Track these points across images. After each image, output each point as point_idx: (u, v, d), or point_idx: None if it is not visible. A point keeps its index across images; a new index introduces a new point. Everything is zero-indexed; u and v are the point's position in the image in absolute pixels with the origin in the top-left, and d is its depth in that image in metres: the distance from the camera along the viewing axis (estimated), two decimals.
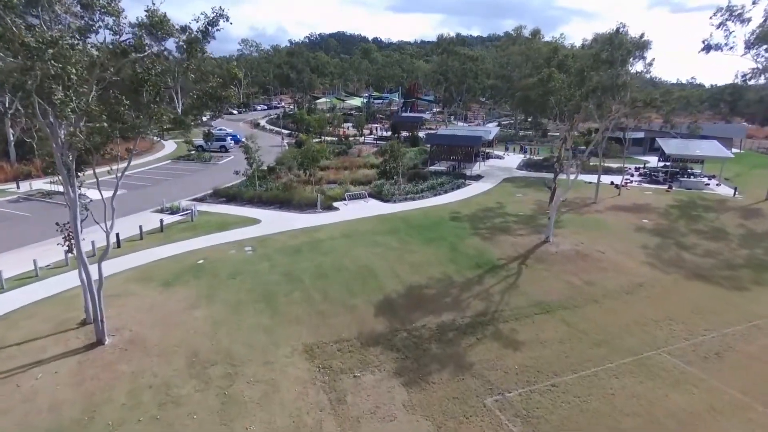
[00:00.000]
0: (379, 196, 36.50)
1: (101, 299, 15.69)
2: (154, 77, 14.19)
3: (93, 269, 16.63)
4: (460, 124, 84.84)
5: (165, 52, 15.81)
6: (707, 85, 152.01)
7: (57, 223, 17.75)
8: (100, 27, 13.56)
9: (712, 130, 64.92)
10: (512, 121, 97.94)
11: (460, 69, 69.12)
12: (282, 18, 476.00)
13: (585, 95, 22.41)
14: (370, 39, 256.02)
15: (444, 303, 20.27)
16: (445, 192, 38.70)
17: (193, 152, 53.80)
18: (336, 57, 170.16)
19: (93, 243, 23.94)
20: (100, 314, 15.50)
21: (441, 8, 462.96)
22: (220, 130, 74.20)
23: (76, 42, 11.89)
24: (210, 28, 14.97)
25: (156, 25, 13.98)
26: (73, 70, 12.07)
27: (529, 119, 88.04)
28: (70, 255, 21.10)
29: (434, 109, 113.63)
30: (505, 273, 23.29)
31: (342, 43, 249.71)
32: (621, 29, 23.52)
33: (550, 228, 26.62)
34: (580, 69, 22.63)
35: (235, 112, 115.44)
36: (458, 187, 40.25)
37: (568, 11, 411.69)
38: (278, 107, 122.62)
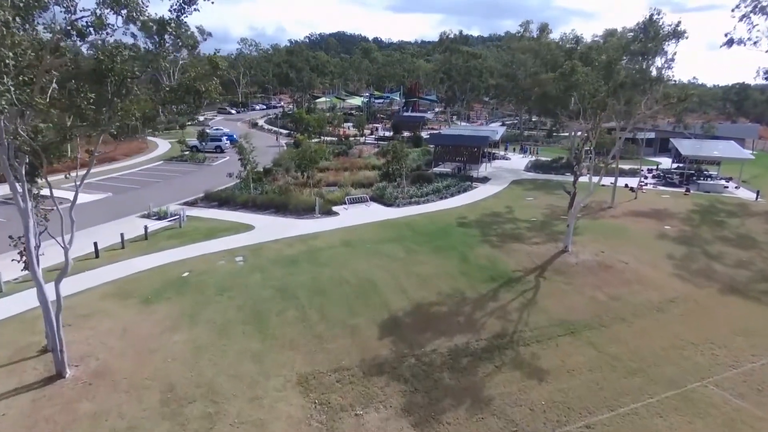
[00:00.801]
0: (381, 199, 34.33)
1: (60, 326, 13.49)
2: (119, 66, 11.96)
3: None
4: (462, 124, 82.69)
5: (136, 39, 13.51)
6: (709, 85, 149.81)
7: (10, 237, 15.50)
8: (48, 2, 11.32)
9: (724, 130, 62.79)
10: (516, 121, 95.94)
11: (464, 67, 66.92)
12: (282, 18, 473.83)
13: (612, 90, 20.30)
14: (370, 39, 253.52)
15: (456, 322, 18.11)
16: (451, 195, 36.52)
17: (186, 153, 51.58)
18: (336, 57, 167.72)
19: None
20: (59, 343, 13.31)
21: (440, 8, 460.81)
22: (217, 129, 72.02)
23: (10, 20, 9.70)
24: (186, 6, 12.72)
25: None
26: (9, 54, 9.87)
27: (534, 119, 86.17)
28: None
29: (436, 109, 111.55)
30: (522, 287, 21.12)
31: (342, 43, 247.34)
32: (656, 16, 21.31)
33: (569, 236, 24.45)
34: (607, 61, 20.48)
35: (233, 111, 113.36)
36: (464, 190, 38.07)
37: (567, 11, 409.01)
38: (277, 107, 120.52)
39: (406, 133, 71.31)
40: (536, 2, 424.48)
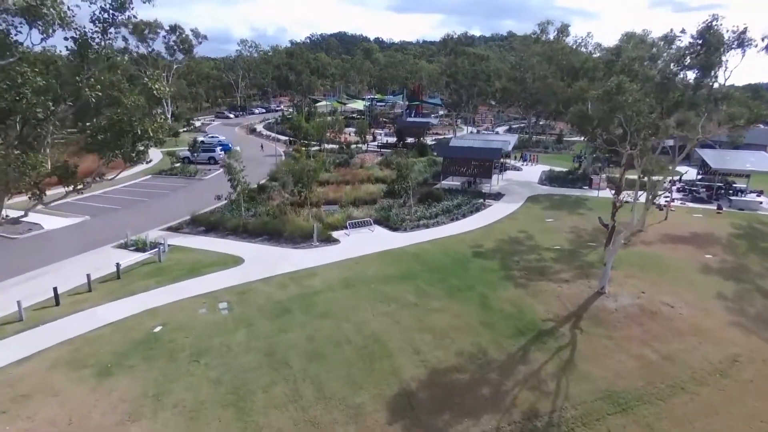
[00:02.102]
0: (386, 222, 31.04)
1: None
2: (24, 104, 8.72)
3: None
4: (468, 128, 79.28)
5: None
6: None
7: None
8: None
9: (750, 137, 59.38)
10: (524, 125, 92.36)
11: (470, 70, 63.55)
12: (282, 18, 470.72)
13: (666, 111, 17.08)
14: (371, 39, 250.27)
15: (481, 397, 14.83)
16: (463, 216, 33.21)
17: (177, 165, 48.27)
18: (337, 57, 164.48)
19: (19, 303, 18.47)
20: None
21: (441, 8, 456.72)
22: (212, 137, 68.77)
23: None
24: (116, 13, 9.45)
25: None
26: None
27: (542, 122, 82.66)
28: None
29: (440, 112, 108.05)
30: (555, 343, 17.81)
31: (343, 44, 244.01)
32: (715, 22, 17.93)
33: (605, 276, 21.11)
34: (660, 77, 17.26)
35: (231, 115, 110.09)
36: (477, 210, 34.76)
37: (569, 11, 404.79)
38: (277, 110, 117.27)
39: (409, 139, 68.21)
40: (537, 2, 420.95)
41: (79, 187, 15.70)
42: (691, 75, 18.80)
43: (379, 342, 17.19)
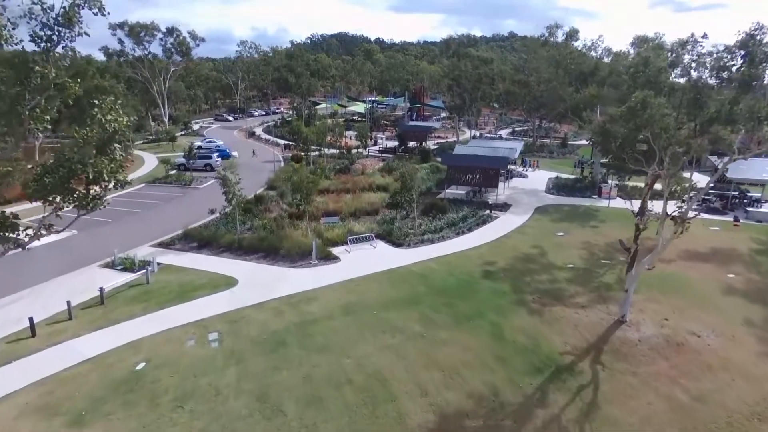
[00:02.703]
0: (388, 237, 29.51)
1: None
2: None
3: None
4: (471, 132, 77.69)
5: None
6: None
7: None
8: None
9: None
10: (528, 127, 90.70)
11: (474, 74, 61.98)
12: (284, 18, 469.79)
13: (699, 128, 15.56)
14: (372, 39, 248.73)
15: None
16: (469, 230, 31.65)
17: (173, 172, 46.75)
18: (338, 58, 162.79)
19: None
20: None
21: (442, 8, 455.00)
22: (210, 142, 67.36)
23: None
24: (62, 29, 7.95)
25: None
26: None
27: (545, 125, 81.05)
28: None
29: (442, 114, 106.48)
30: (576, 381, 16.26)
31: (344, 44, 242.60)
32: (757, 33, 16.37)
33: (626, 304, 19.54)
34: (694, 92, 15.77)
35: (230, 118, 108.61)
36: (483, 222, 33.19)
37: (569, 11, 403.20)
38: (277, 112, 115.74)
39: (411, 143, 66.67)
40: (538, 2, 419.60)
41: (21, 238, 13.58)
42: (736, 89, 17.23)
43: (383, 382, 15.65)
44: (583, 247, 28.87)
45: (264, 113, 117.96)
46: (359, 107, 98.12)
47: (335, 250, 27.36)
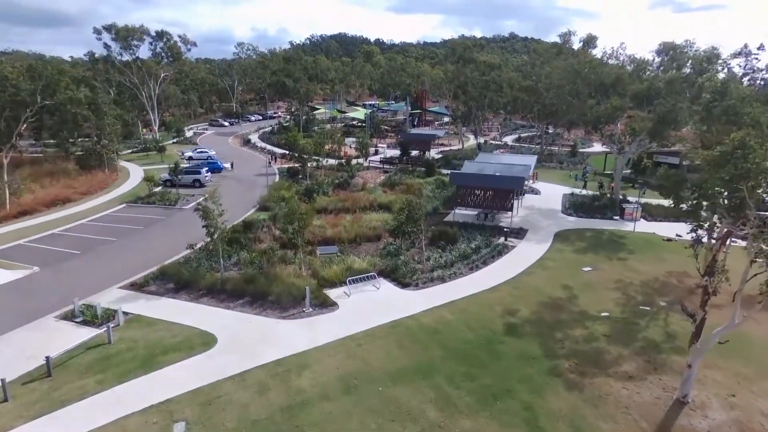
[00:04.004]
0: (393, 274, 25.93)
1: None
2: None
3: None
4: (479, 139, 73.88)
5: None
6: None
7: None
8: None
9: None
10: (535, 133, 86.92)
11: (480, 81, 58.35)
12: (283, 19, 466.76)
13: None
14: (371, 40, 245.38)
15: None
16: (484, 263, 28.06)
17: (157, 190, 43.01)
18: (337, 60, 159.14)
19: None
20: None
21: (442, 9, 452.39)
22: (201, 152, 63.72)
23: None
24: None
25: None
26: None
27: (551, 130, 77.21)
28: None
29: (444, 119, 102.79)
30: None
31: (343, 45, 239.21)
32: None
33: (689, 382, 15.95)
34: None
35: (226, 123, 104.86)
36: (499, 254, 29.56)
37: (569, 12, 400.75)
38: (274, 117, 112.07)
39: (414, 152, 63.09)
40: (538, 3, 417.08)
41: None
42: None
43: None
44: (615, 287, 25.30)
45: (261, 117, 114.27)
46: (359, 113, 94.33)
47: (333, 293, 23.81)
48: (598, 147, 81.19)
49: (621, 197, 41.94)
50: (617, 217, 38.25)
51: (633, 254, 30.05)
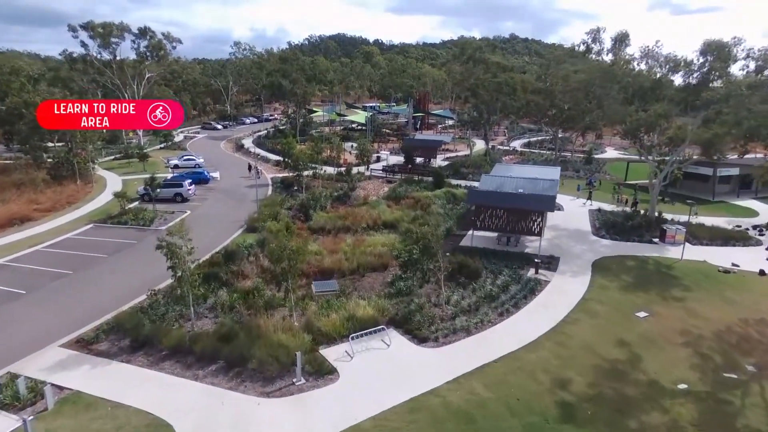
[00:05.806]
0: (406, 325, 20.86)
1: None
2: None
3: None
4: (489, 144, 68.97)
5: None
6: None
7: None
8: None
9: None
10: (543, 137, 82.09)
11: (493, 83, 53.40)
12: (283, 19, 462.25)
13: None
14: (371, 41, 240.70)
15: None
16: (515, 305, 23.01)
17: (130, 207, 37.73)
18: (336, 60, 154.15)
19: None
20: None
21: (441, 9, 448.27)
22: (188, 159, 58.56)
23: None
24: None
25: None
26: None
27: (562, 134, 72.31)
28: None
29: (448, 123, 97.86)
30: None
31: (342, 46, 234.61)
32: None
33: None
34: None
35: (219, 126, 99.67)
36: (531, 291, 24.55)
37: (568, 13, 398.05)
38: (270, 119, 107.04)
39: (419, 159, 58.18)
40: (537, 4, 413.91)
41: None
42: None
43: None
44: (683, 341, 20.29)
45: (256, 120, 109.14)
46: (359, 117, 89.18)
47: (332, 352, 18.80)
48: (611, 153, 76.55)
49: (656, 215, 37.05)
50: (657, 240, 33.31)
51: (690, 292, 25.10)
